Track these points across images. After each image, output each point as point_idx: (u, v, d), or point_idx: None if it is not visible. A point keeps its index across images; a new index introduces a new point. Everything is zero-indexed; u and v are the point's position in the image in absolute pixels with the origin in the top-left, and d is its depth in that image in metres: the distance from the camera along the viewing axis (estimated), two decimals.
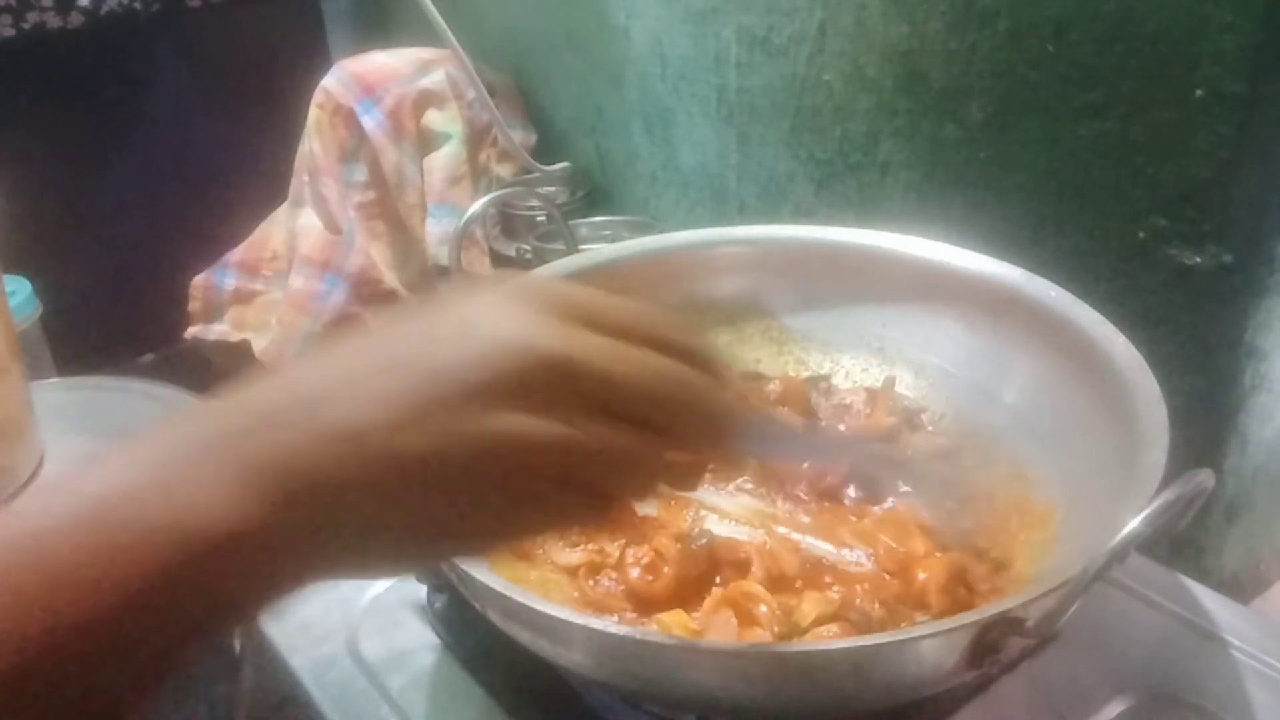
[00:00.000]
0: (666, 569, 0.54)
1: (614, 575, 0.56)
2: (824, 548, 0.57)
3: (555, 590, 0.56)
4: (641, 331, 0.35)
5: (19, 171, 1.02)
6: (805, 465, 0.61)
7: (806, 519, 0.60)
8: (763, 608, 0.51)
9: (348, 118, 1.06)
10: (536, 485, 0.34)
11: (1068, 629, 0.41)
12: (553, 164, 1.10)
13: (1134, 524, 0.40)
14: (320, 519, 0.32)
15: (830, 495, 0.61)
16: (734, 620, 0.51)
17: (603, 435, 0.34)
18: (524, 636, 0.48)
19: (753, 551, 0.56)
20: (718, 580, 0.55)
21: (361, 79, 1.06)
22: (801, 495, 0.61)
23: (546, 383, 0.33)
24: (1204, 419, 0.65)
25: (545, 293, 0.34)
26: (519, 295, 0.34)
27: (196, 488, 0.31)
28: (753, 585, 0.53)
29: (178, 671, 0.32)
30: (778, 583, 0.54)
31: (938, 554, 0.55)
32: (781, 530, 0.59)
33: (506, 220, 1.06)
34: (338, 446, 0.32)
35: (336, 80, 1.07)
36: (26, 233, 0.81)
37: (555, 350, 0.33)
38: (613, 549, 0.57)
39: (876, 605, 0.51)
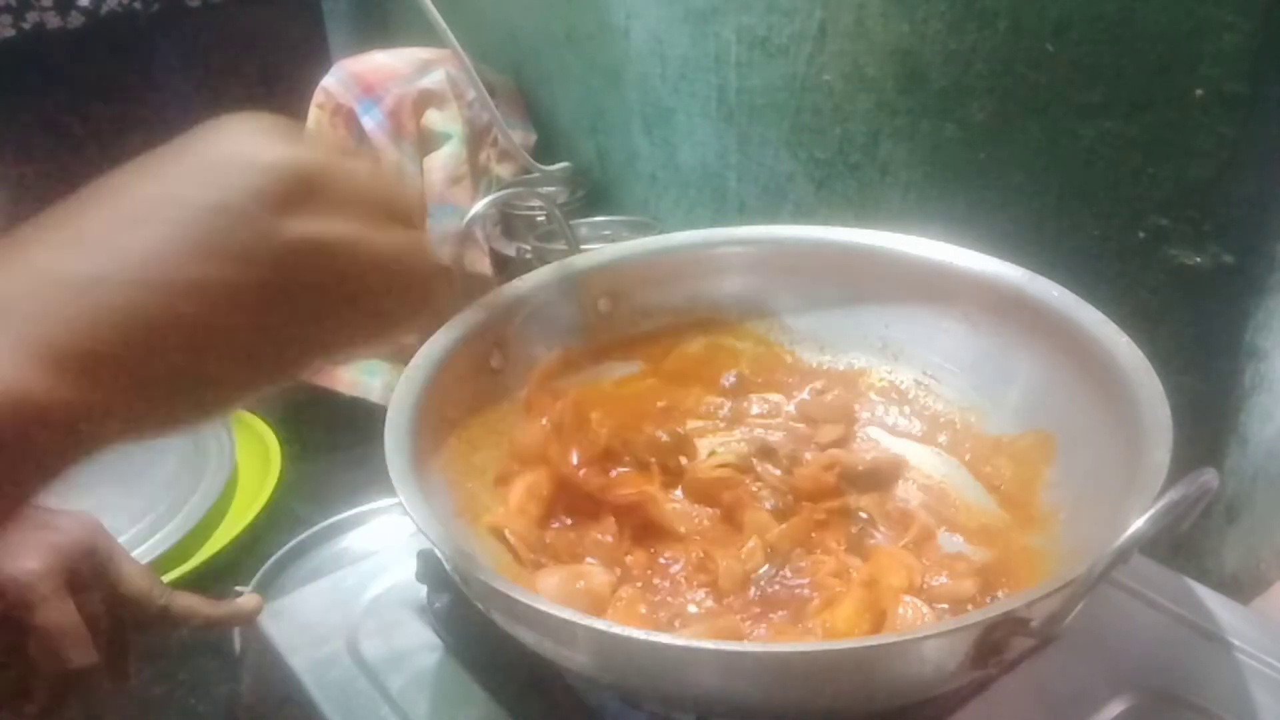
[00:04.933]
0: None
1: None
2: None
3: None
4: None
5: (19, 171, 1.02)
6: None
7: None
8: None
9: (348, 118, 1.06)
10: (343, 287, 0.35)
11: (1068, 629, 0.41)
12: (553, 164, 1.10)
13: (1139, 524, 0.40)
14: (121, 384, 0.31)
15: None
16: None
17: (376, 232, 0.35)
18: (526, 636, 0.48)
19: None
20: None
21: (361, 79, 1.06)
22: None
23: (312, 188, 0.34)
24: (1204, 419, 0.65)
25: (273, 124, 0.35)
26: (252, 128, 0.35)
27: None
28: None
29: None
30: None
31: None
32: None
33: (506, 220, 1.05)
34: (116, 308, 0.31)
35: (336, 80, 1.07)
36: None
37: (308, 158, 0.34)
38: None
39: None
